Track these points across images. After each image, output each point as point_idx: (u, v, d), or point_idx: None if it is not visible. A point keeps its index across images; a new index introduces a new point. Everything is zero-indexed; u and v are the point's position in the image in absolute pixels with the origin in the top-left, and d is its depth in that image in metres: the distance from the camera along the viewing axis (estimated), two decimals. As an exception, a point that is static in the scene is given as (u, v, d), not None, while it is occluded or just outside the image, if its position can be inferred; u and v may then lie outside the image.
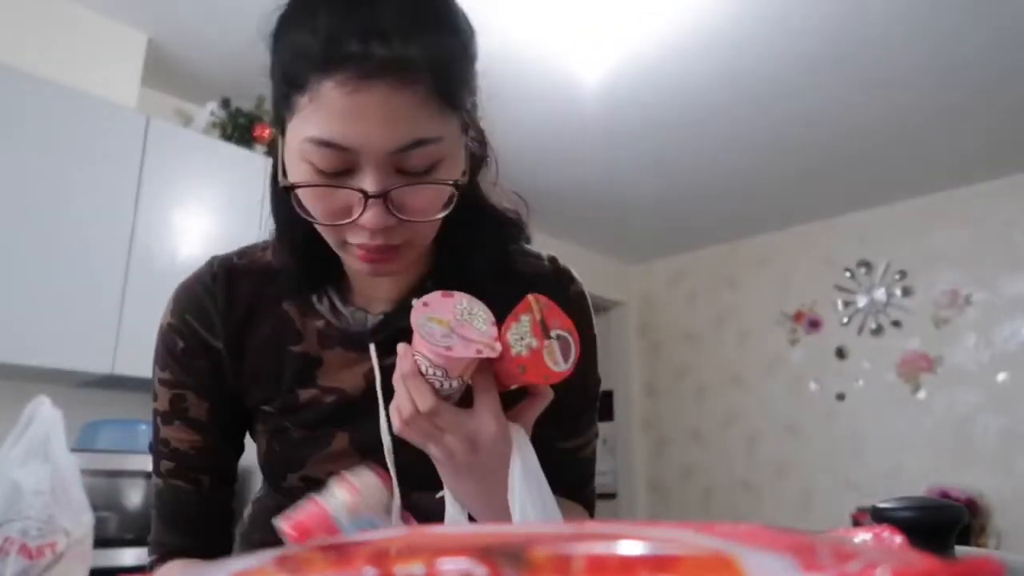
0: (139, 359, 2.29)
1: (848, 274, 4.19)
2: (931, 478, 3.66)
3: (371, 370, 0.71)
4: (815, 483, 4.10)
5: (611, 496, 4.80)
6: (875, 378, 4.00)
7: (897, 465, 3.83)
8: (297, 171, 0.60)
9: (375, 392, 0.71)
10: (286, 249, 0.73)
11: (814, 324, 4.27)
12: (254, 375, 0.74)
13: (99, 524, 1.08)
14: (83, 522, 0.89)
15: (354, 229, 0.61)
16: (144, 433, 2.36)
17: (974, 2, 2.47)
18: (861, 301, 4.12)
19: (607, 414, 4.86)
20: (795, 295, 4.37)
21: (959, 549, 0.54)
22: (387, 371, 0.67)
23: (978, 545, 3.40)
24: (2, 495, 0.89)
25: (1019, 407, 3.55)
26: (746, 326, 4.54)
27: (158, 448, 0.75)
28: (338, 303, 0.74)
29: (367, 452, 0.70)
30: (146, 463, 2.22)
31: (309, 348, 0.73)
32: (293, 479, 0.73)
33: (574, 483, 0.79)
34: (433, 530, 0.20)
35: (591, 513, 0.81)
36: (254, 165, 2.66)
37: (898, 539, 0.37)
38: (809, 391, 4.22)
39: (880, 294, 4.06)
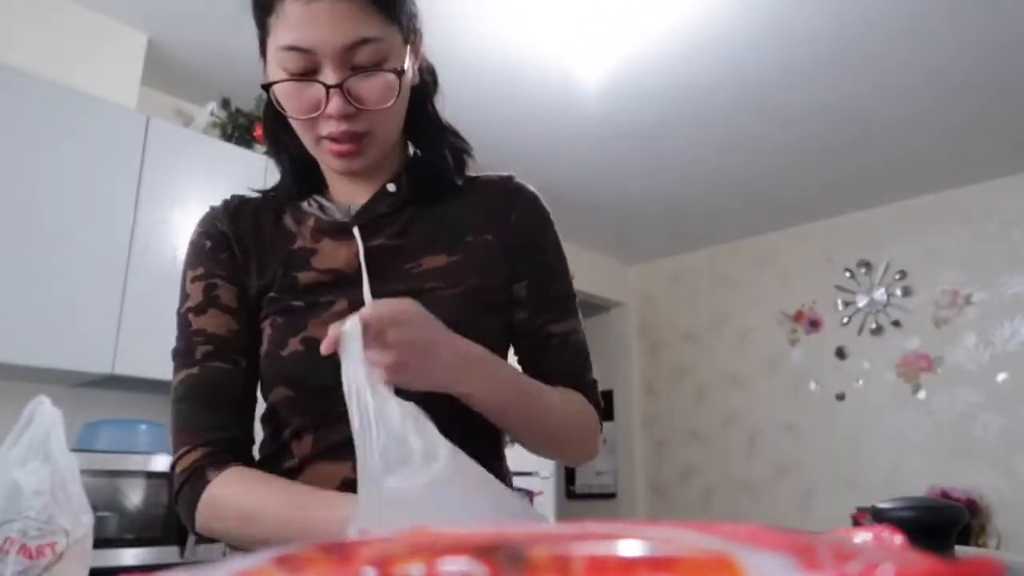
0: (139, 359, 2.29)
1: (848, 274, 4.19)
2: (931, 478, 3.66)
3: (358, 251, 0.82)
4: (815, 483, 4.10)
5: (611, 496, 4.81)
6: (875, 378, 4.01)
7: (897, 465, 3.83)
8: (275, 78, 0.75)
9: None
10: (280, 163, 0.89)
11: (814, 324, 4.27)
12: (259, 269, 0.84)
13: (99, 524, 1.08)
14: (83, 522, 0.89)
15: (323, 121, 0.75)
16: (144, 433, 2.36)
17: (974, 4, 2.47)
18: (861, 301, 4.12)
19: (607, 414, 4.85)
20: (795, 295, 4.37)
21: (959, 549, 0.54)
22: (371, 249, 0.81)
23: (978, 545, 3.40)
24: (2, 495, 0.89)
25: (1019, 407, 3.56)
26: (746, 326, 4.54)
27: (192, 340, 0.81)
28: (324, 202, 0.86)
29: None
30: (146, 463, 2.22)
31: (304, 243, 0.84)
32: (295, 343, 0.78)
33: (573, 369, 0.86)
34: (433, 530, 0.20)
35: (595, 402, 0.86)
36: (254, 165, 2.66)
37: (898, 539, 0.37)
38: (809, 391, 4.23)
39: (880, 294, 4.06)
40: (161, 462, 2.27)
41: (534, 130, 3.27)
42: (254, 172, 2.62)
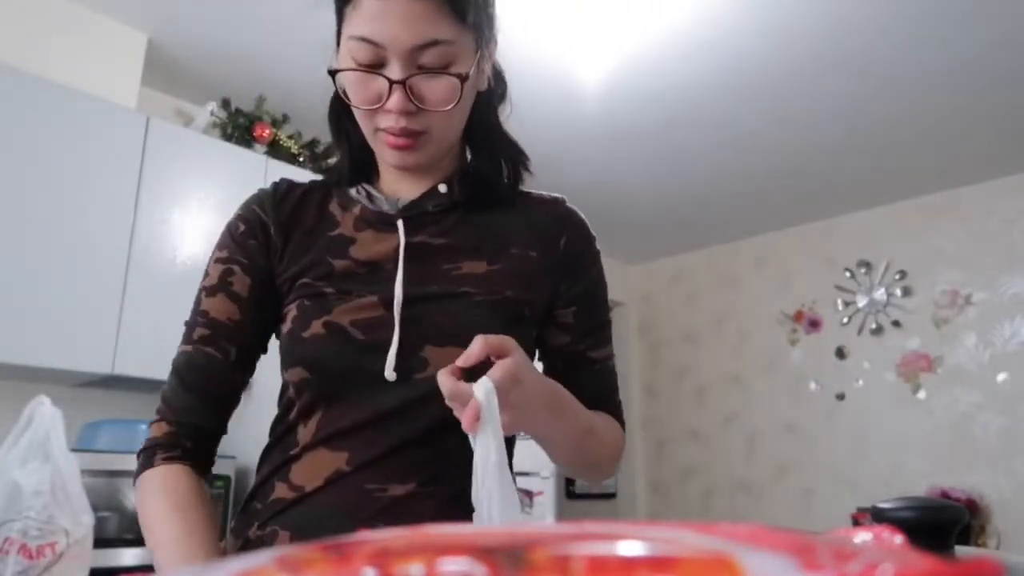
0: (139, 359, 2.29)
1: (848, 274, 4.19)
2: (931, 478, 3.66)
3: (399, 244, 0.82)
4: (815, 483, 4.10)
5: (611, 496, 4.80)
6: (875, 378, 4.00)
7: (897, 465, 3.83)
8: (343, 65, 0.76)
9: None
10: (339, 147, 0.89)
11: (814, 324, 4.27)
12: (295, 254, 0.84)
13: (99, 524, 1.08)
14: (83, 522, 0.89)
15: (383, 114, 0.76)
16: (144, 433, 2.35)
17: (974, 3, 2.47)
18: (861, 301, 4.12)
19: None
20: (795, 295, 4.37)
21: (959, 549, 0.54)
22: (412, 245, 0.82)
23: (978, 545, 3.40)
24: (2, 495, 0.89)
25: (1019, 407, 3.55)
26: (746, 326, 4.54)
27: (195, 319, 0.84)
28: (373, 192, 0.87)
29: (391, 306, 0.79)
30: (146, 463, 2.22)
31: (344, 231, 0.85)
32: (317, 325, 0.78)
33: (605, 392, 0.89)
34: (433, 530, 0.20)
35: (623, 424, 0.90)
36: (254, 165, 2.67)
37: (898, 539, 0.37)
38: (809, 391, 4.23)
39: (880, 294, 4.06)
40: (161, 462, 2.27)
41: (534, 130, 3.26)
42: (254, 172, 2.62)
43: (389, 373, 0.76)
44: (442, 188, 0.85)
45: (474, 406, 0.60)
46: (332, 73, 0.77)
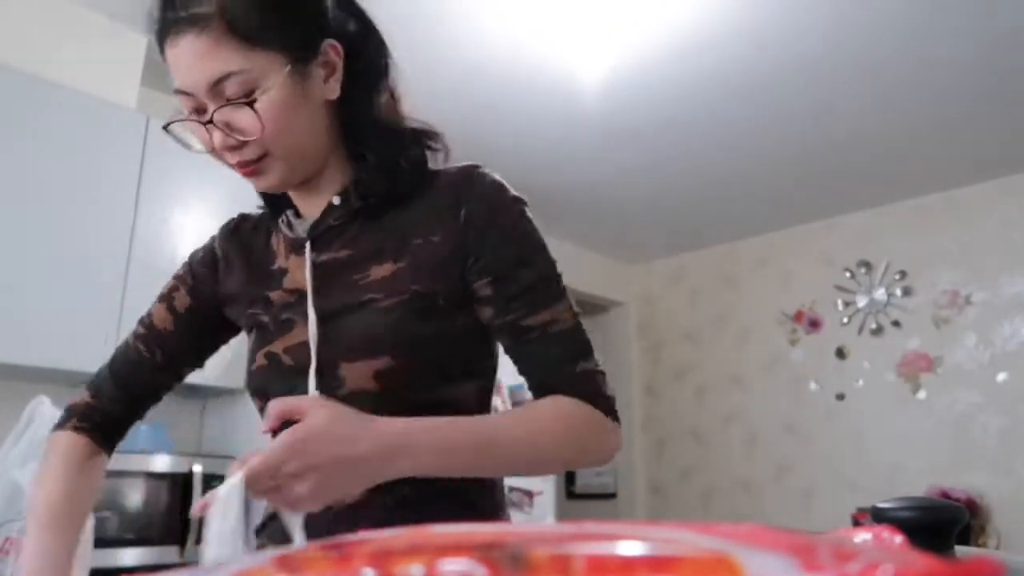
0: (139, 359, 2.29)
1: (848, 274, 4.19)
2: (931, 478, 3.66)
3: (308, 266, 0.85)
4: (815, 483, 4.10)
5: (611, 496, 4.80)
6: (875, 378, 4.00)
7: (897, 465, 3.83)
8: (176, 118, 0.79)
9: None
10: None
11: (814, 324, 4.27)
12: (245, 284, 0.90)
13: (99, 524, 1.09)
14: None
15: (222, 153, 0.78)
16: (144, 433, 2.36)
17: (974, 4, 2.47)
18: (861, 301, 4.12)
19: (607, 414, 4.86)
20: (795, 295, 4.37)
21: (959, 549, 0.54)
22: (320, 264, 0.83)
23: (978, 545, 3.40)
24: (2, 495, 0.89)
25: (1019, 407, 3.55)
26: (746, 326, 4.54)
27: (142, 319, 0.95)
28: (292, 219, 0.88)
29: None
30: (146, 463, 2.23)
31: (280, 263, 0.88)
32: (260, 357, 0.85)
33: (555, 363, 0.77)
34: (433, 530, 0.20)
35: (590, 395, 0.77)
36: (254, 165, 2.66)
37: (898, 539, 0.37)
38: (809, 391, 4.22)
39: (880, 294, 4.06)
40: (161, 462, 2.27)
41: (534, 130, 3.27)
42: (254, 172, 2.62)
43: (312, 393, 0.78)
44: (335, 200, 0.84)
45: (202, 500, 0.62)
46: (165, 127, 0.80)
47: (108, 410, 0.92)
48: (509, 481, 3.00)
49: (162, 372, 0.93)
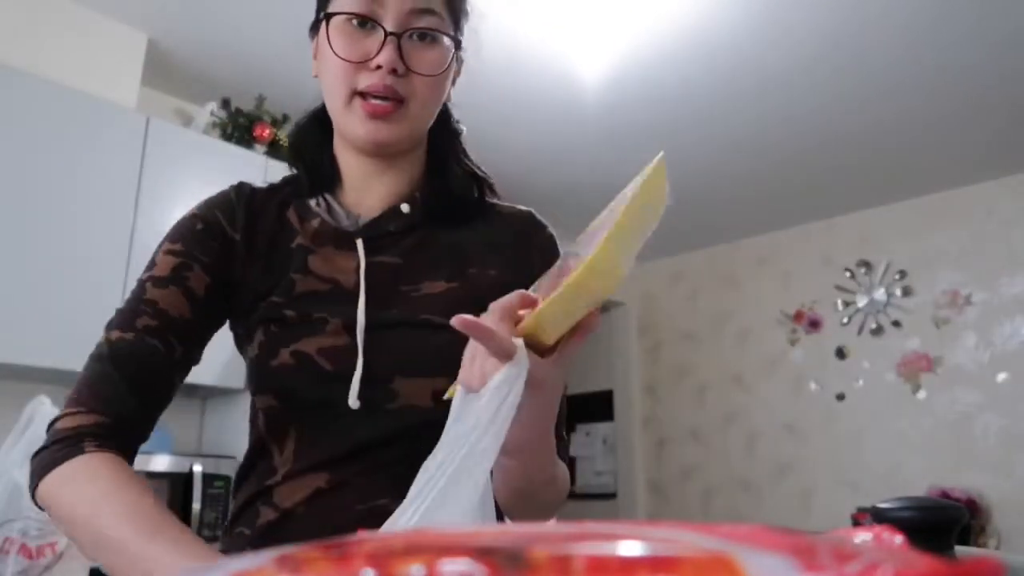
0: (139, 359, 2.29)
1: (848, 274, 4.19)
2: (931, 478, 3.66)
3: (359, 265, 0.80)
4: (815, 483, 4.10)
5: (611, 496, 4.80)
6: (875, 378, 4.01)
7: (897, 465, 3.83)
8: (335, 24, 0.77)
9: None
10: (297, 151, 0.87)
11: (814, 324, 4.27)
12: (261, 268, 0.81)
13: (99, 524, 1.08)
14: (83, 522, 0.89)
15: (367, 74, 0.76)
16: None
17: (974, 4, 2.47)
18: (861, 301, 4.12)
19: (607, 414, 4.86)
20: (795, 295, 4.37)
21: (959, 549, 0.54)
22: (372, 266, 0.79)
23: (978, 545, 3.40)
24: (2, 495, 0.89)
25: (1019, 407, 3.55)
26: (746, 326, 4.54)
27: (139, 307, 0.76)
28: (334, 204, 0.84)
29: (354, 332, 0.77)
30: (146, 463, 2.22)
31: (303, 242, 0.82)
32: (284, 354, 0.76)
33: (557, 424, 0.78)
34: (433, 530, 0.20)
35: (565, 460, 0.79)
36: (254, 165, 2.66)
37: (898, 539, 0.37)
38: (809, 391, 4.23)
39: (880, 294, 4.06)
40: (161, 462, 2.27)
41: (534, 129, 3.27)
42: (254, 172, 2.62)
43: (353, 401, 0.74)
44: (404, 208, 0.83)
45: (483, 373, 0.56)
46: (327, 17, 0.77)
47: (125, 423, 0.74)
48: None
49: (180, 368, 0.78)
